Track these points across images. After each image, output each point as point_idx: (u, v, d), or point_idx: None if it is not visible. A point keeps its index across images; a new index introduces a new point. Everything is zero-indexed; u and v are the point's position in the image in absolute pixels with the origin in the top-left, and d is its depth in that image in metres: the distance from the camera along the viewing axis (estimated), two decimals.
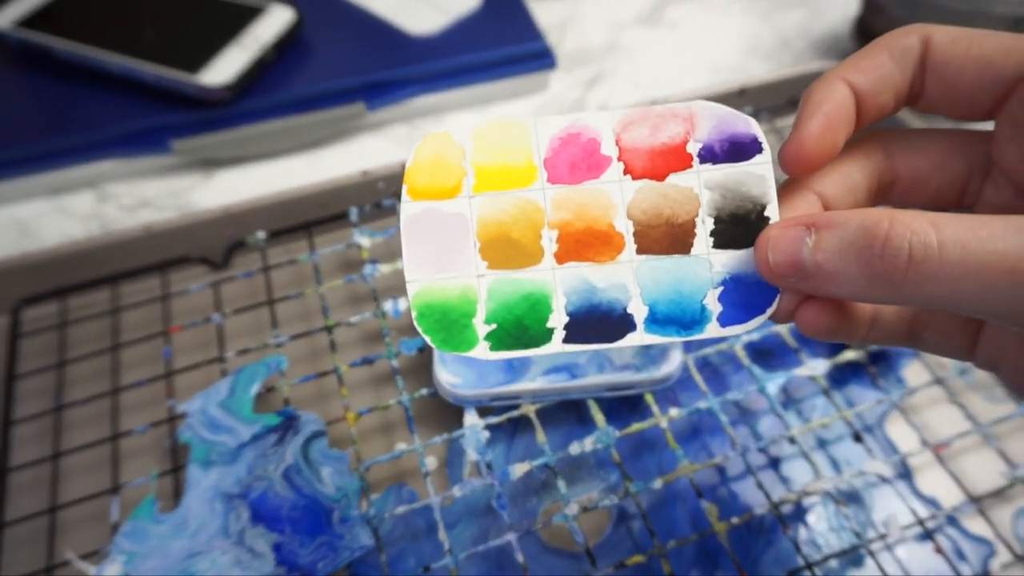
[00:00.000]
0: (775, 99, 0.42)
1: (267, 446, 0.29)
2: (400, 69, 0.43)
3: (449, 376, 0.30)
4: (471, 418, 0.30)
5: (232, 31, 0.43)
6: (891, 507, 0.29)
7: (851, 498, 0.30)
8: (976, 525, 0.29)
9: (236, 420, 0.30)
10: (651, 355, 0.31)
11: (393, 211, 0.38)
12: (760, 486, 0.28)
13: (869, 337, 0.21)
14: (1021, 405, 0.31)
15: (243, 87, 0.41)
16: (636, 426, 0.30)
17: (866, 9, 0.46)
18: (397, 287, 0.36)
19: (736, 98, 0.42)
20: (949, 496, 0.29)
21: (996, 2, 0.39)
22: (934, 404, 0.32)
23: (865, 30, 0.46)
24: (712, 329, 0.20)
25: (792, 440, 0.30)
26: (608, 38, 0.50)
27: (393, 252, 0.36)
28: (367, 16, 0.46)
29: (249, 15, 0.44)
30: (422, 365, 0.32)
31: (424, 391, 0.31)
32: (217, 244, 0.37)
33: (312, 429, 0.29)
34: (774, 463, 0.31)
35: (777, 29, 0.50)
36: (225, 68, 0.41)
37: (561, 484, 0.28)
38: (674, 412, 0.30)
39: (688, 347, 0.33)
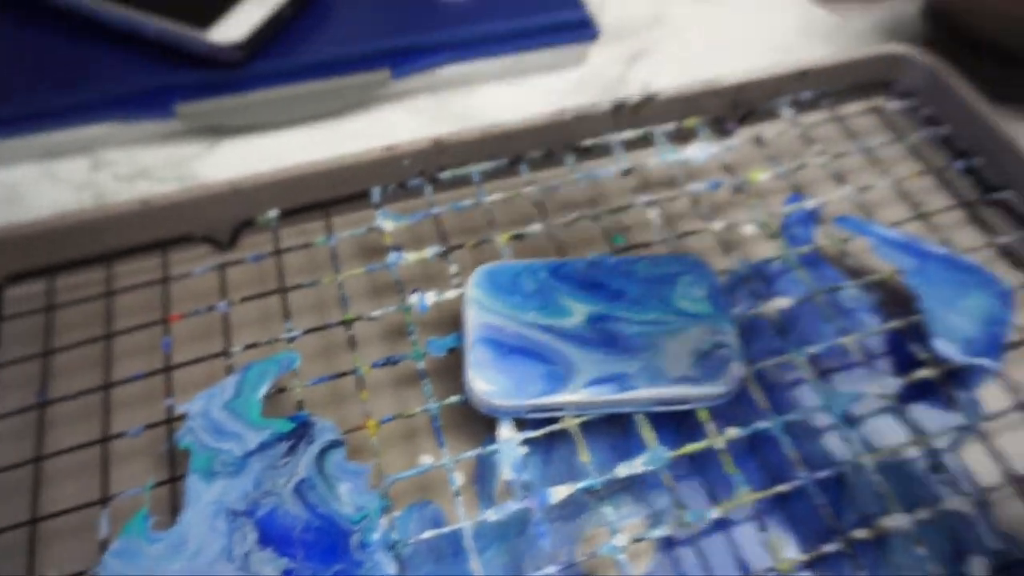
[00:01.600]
0: (837, 83, 0.38)
1: (277, 456, 0.26)
2: (429, 34, 0.39)
3: (483, 383, 0.27)
4: (507, 431, 0.27)
5: None
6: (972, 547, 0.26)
7: (930, 533, 0.26)
8: None
9: (243, 425, 0.27)
10: (710, 367, 0.27)
11: (420, 193, 0.34)
12: (831, 517, 0.25)
13: None
14: None
15: (257, 47, 0.38)
16: (691, 447, 0.27)
17: None
18: (424, 278, 0.32)
19: (796, 81, 0.38)
20: None
21: None
22: (1015, 429, 0.29)
23: (934, 10, 0.42)
24: None
25: (860, 466, 0.27)
26: (652, 10, 0.46)
27: (419, 239, 0.33)
28: None
29: None
30: (451, 368, 0.29)
31: (454, 398, 0.27)
32: (223, 222, 0.33)
33: (328, 438, 0.26)
34: (838, 488, 0.28)
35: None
36: (238, 25, 0.37)
37: (608, 510, 0.25)
38: (732, 432, 0.27)
39: (748, 359, 0.30)
